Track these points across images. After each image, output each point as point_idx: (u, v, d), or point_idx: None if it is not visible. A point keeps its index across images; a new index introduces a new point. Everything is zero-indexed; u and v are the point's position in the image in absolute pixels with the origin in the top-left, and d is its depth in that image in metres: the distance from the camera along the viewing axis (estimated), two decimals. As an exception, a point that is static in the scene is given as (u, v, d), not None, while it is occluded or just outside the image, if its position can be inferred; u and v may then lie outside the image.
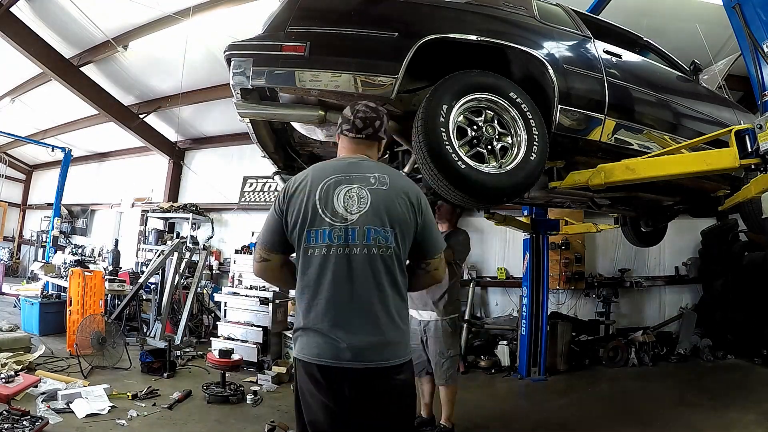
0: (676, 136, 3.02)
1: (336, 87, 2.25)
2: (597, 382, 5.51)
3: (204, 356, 5.43)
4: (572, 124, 2.62)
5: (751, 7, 3.41)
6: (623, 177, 2.58)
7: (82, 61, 7.65)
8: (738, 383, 5.19)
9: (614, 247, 7.24)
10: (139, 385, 4.38)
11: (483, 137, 2.34)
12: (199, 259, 6.66)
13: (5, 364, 4.24)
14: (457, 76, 2.35)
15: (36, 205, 13.61)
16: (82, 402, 3.71)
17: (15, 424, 3.08)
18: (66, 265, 7.46)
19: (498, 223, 4.86)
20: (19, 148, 12.47)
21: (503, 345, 6.15)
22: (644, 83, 3.00)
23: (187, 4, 6.04)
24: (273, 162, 3.26)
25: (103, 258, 9.55)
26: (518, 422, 4.22)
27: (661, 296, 7.19)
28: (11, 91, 9.18)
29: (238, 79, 2.28)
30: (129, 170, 11.33)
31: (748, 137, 2.29)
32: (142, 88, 8.72)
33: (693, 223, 6.53)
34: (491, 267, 7.47)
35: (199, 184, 9.71)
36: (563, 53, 2.70)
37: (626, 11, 5.32)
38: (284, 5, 2.43)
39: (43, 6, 6.60)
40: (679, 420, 4.06)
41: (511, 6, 2.73)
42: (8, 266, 11.93)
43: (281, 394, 4.69)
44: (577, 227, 5.65)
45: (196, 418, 3.79)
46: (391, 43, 2.32)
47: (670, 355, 6.30)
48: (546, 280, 5.88)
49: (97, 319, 5.17)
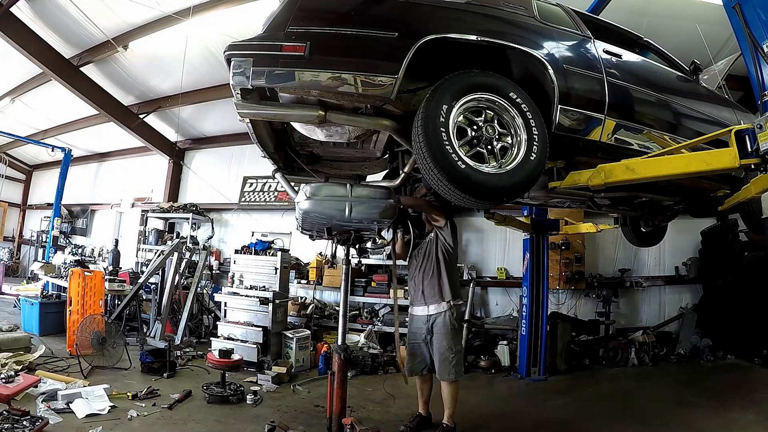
0: (676, 136, 3.01)
1: (336, 87, 2.25)
2: (597, 382, 5.52)
3: (204, 356, 5.44)
4: (572, 124, 2.62)
5: (751, 7, 3.41)
6: (623, 177, 2.58)
7: (82, 61, 7.65)
8: (738, 383, 5.19)
9: (614, 247, 7.24)
10: (139, 385, 4.38)
11: (483, 137, 2.34)
12: (199, 259, 6.66)
13: (5, 364, 4.24)
14: (457, 76, 2.35)
15: (36, 205, 13.62)
16: (82, 402, 3.71)
17: (15, 424, 3.08)
18: (66, 265, 7.47)
19: (498, 223, 4.86)
20: (19, 148, 12.48)
21: (503, 345, 6.16)
22: (644, 83, 3.00)
23: (187, 4, 6.04)
24: (273, 162, 3.26)
25: (103, 258, 9.55)
26: (518, 422, 4.22)
27: (661, 296, 7.19)
28: (11, 91, 9.19)
29: (238, 79, 2.28)
30: (129, 170, 11.34)
31: (748, 137, 2.28)
32: (142, 88, 8.73)
33: (693, 223, 6.53)
34: (491, 267, 7.47)
35: (199, 184, 9.71)
36: (563, 53, 2.70)
37: (626, 11, 5.33)
38: (284, 5, 2.43)
39: (43, 6, 6.60)
40: (679, 420, 4.06)
41: (511, 6, 2.73)
42: (8, 266, 11.94)
43: (281, 394, 4.70)
44: (577, 227, 5.65)
45: (196, 418, 3.79)
46: (391, 43, 2.32)
47: (670, 355, 6.30)
48: (546, 280, 5.88)
49: (97, 319, 5.17)
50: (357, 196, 2.83)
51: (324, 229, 3.14)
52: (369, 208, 2.84)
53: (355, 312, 7.04)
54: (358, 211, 2.82)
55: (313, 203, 2.82)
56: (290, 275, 7.19)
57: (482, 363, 6.03)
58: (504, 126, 2.40)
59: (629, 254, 7.13)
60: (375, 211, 2.85)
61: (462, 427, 3.73)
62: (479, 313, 7.25)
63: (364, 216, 2.85)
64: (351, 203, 2.80)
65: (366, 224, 3.03)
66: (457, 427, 3.66)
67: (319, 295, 7.75)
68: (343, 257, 3.58)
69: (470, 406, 4.39)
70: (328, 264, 7.18)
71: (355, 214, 2.82)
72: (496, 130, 2.38)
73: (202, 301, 7.24)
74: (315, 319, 6.94)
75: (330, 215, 2.87)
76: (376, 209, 2.85)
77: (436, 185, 2.27)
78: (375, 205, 2.85)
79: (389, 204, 2.85)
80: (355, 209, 2.81)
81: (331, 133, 2.74)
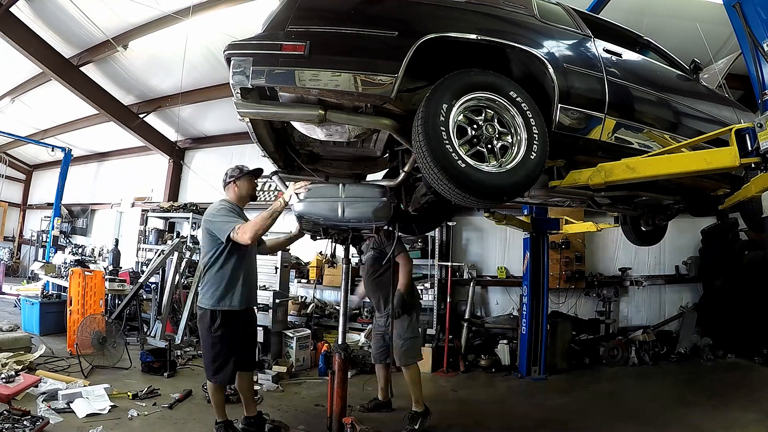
0: (677, 135, 3.00)
1: (336, 86, 2.24)
2: (597, 381, 5.52)
3: (204, 356, 5.44)
4: (572, 123, 2.61)
5: (751, 5, 3.42)
6: (623, 176, 2.57)
7: (81, 61, 7.65)
8: (738, 382, 5.19)
9: (614, 246, 7.25)
10: (140, 384, 4.39)
11: (483, 136, 2.34)
12: (200, 258, 6.65)
13: (6, 364, 4.24)
14: (457, 75, 2.34)
15: (36, 205, 13.62)
16: (82, 402, 3.72)
17: (15, 424, 3.09)
18: (66, 265, 7.47)
19: (498, 222, 4.86)
20: (19, 148, 12.49)
21: (503, 344, 6.16)
22: (644, 82, 3.00)
23: (187, 4, 6.03)
24: (273, 161, 3.26)
25: (103, 258, 9.56)
26: (518, 421, 4.23)
27: (661, 295, 7.19)
28: (11, 91, 9.19)
29: (238, 79, 2.28)
30: (129, 170, 11.34)
31: (748, 136, 2.27)
32: (142, 88, 8.72)
33: (693, 222, 6.53)
34: (491, 266, 7.47)
35: (200, 183, 9.69)
36: (563, 52, 2.70)
37: (626, 10, 5.32)
38: (284, 4, 2.42)
39: (42, 6, 6.59)
40: (679, 419, 4.06)
41: (511, 5, 2.72)
42: (8, 266, 11.95)
43: (281, 393, 4.70)
44: (577, 226, 5.65)
45: (196, 417, 3.80)
46: (390, 42, 2.31)
47: (671, 354, 6.30)
48: (546, 279, 5.88)
49: (98, 319, 5.18)
50: (350, 195, 2.84)
51: (320, 229, 3.18)
52: (362, 207, 2.84)
53: (355, 311, 7.04)
54: (352, 211, 2.83)
55: (306, 205, 2.86)
56: (290, 274, 7.20)
57: (482, 362, 6.04)
58: (504, 125, 2.39)
59: (629, 253, 7.13)
60: (368, 209, 2.85)
61: (462, 426, 3.74)
62: (480, 312, 7.25)
63: (357, 215, 2.86)
64: (344, 203, 2.82)
65: (362, 223, 3.05)
66: (457, 426, 3.68)
67: (320, 295, 7.75)
68: (343, 256, 3.58)
69: (471, 404, 4.39)
70: (328, 263, 7.19)
71: (349, 214, 2.83)
72: (496, 129, 2.37)
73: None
74: (315, 319, 6.95)
75: (325, 216, 2.90)
76: (370, 208, 2.85)
77: (436, 184, 2.27)
78: (369, 204, 2.85)
79: (383, 203, 2.85)
80: (349, 209, 2.82)
81: (331, 132, 2.74)
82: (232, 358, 3.18)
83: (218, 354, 3.17)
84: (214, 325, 3.14)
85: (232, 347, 3.19)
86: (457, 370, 5.94)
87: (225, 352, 3.16)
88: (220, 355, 3.17)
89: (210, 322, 3.15)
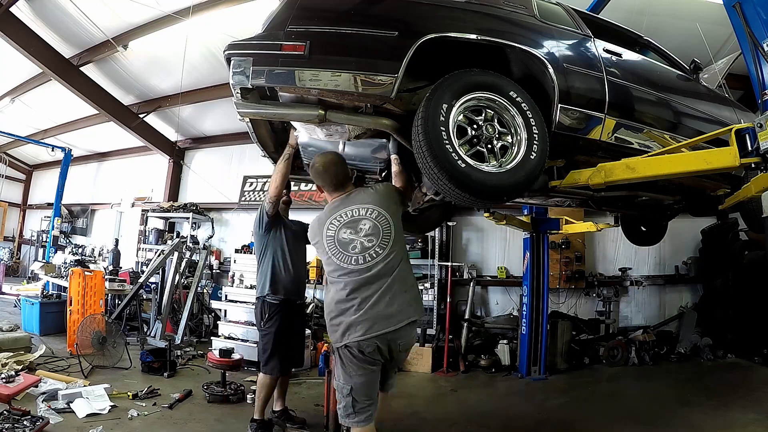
0: (677, 135, 3.01)
1: (336, 86, 2.24)
2: (597, 381, 5.52)
3: (204, 356, 5.44)
4: (572, 123, 2.61)
5: (751, 5, 3.41)
6: (623, 176, 2.57)
7: (81, 61, 7.65)
8: (738, 382, 5.19)
9: (614, 246, 7.25)
10: (140, 384, 4.38)
11: (483, 136, 2.33)
12: (200, 258, 6.66)
13: (6, 364, 4.24)
14: (457, 75, 2.34)
15: (36, 205, 13.62)
16: (82, 402, 3.71)
17: (15, 424, 3.09)
18: (66, 265, 7.47)
19: (498, 222, 4.85)
20: (19, 148, 12.48)
21: (503, 344, 6.16)
22: (644, 82, 3.00)
23: (187, 4, 6.03)
24: (273, 161, 3.26)
25: (103, 258, 9.56)
26: (518, 421, 4.22)
27: (661, 295, 7.19)
28: (11, 91, 9.19)
29: (238, 79, 2.28)
30: (129, 170, 11.34)
31: (748, 136, 2.27)
32: (142, 88, 8.72)
33: (693, 222, 6.53)
34: (491, 266, 7.47)
35: (199, 183, 9.70)
36: (563, 52, 2.70)
37: (626, 10, 5.32)
38: (284, 4, 2.42)
39: (42, 6, 6.59)
40: (680, 419, 4.06)
41: (511, 5, 2.73)
42: (8, 266, 11.95)
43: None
44: (577, 226, 5.64)
45: (196, 417, 3.80)
46: (391, 42, 2.31)
47: (671, 354, 6.30)
48: (546, 279, 5.88)
49: (98, 319, 5.17)
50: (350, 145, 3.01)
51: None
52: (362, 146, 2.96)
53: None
54: (352, 148, 2.99)
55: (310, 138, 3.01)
56: (290, 275, 7.19)
57: (482, 362, 6.04)
58: (504, 125, 2.39)
59: (629, 253, 7.14)
60: (368, 149, 2.99)
61: (462, 426, 3.74)
62: (479, 312, 7.25)
63: (357, 152, 3.02)
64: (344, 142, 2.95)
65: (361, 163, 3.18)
66: (458, 426, 3.66)
67: (320, 295, 7.75)
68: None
69: (470, 405, 4.39)
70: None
71: (348, 150, 2.98)
72: (496, 129, 2.37)
73: (202, 301, 7.24)
74: (315, 319, 6.94)
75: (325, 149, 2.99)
76: (369, 147, 2.97)
77: (436, 184, 2.27)
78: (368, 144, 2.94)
79: (382, 143, 2.90)
80: (349, 146, 2.98)
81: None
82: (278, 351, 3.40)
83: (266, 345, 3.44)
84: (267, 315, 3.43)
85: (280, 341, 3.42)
86: (457, 370, 5.94)
87: (272, 345, 3.41)
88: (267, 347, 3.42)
89: (260, 313, 3.48)
